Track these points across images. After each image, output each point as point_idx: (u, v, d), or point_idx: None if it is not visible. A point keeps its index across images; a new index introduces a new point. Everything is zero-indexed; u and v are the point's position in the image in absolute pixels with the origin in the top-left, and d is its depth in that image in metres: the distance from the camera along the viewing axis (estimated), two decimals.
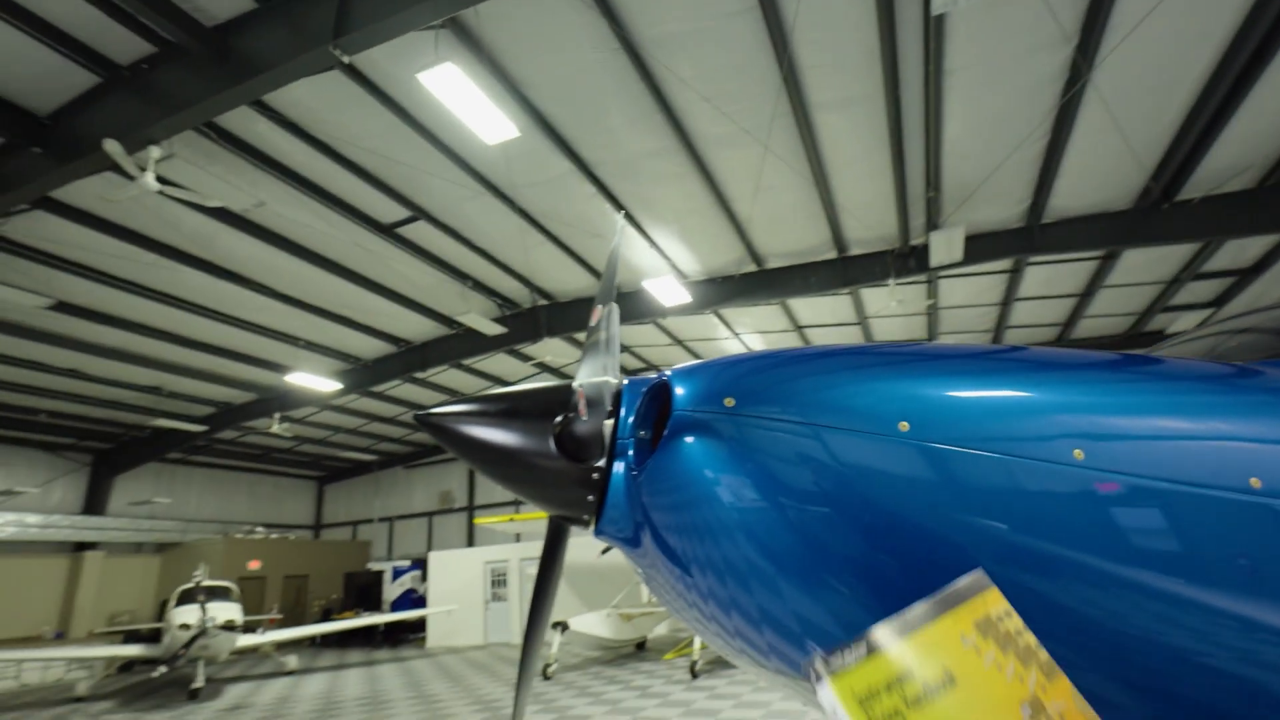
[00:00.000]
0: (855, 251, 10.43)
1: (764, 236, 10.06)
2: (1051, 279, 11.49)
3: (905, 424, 0.87)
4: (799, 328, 13.85)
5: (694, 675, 9.18)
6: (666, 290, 10.39)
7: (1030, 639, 0.60)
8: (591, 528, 1.17)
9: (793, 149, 7.83)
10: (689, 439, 0.99)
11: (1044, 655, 0.60)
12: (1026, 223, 9.51)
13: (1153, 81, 6.82)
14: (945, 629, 0.60)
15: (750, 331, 14.16)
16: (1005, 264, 10.80)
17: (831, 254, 10.48)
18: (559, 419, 1.16)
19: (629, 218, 9.22)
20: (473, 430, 1.19)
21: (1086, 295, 12.00)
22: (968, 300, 12.44)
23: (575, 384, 1.17)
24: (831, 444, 0.90)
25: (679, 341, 14.50)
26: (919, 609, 0.61)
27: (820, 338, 14.50)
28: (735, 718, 6.66)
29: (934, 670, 0.59)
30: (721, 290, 11.11)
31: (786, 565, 0.90)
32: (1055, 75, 6.73)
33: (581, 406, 1.12)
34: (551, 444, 1.14)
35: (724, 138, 7.60)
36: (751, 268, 10.89)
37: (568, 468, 1.13)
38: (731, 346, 14.94)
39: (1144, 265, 10.83)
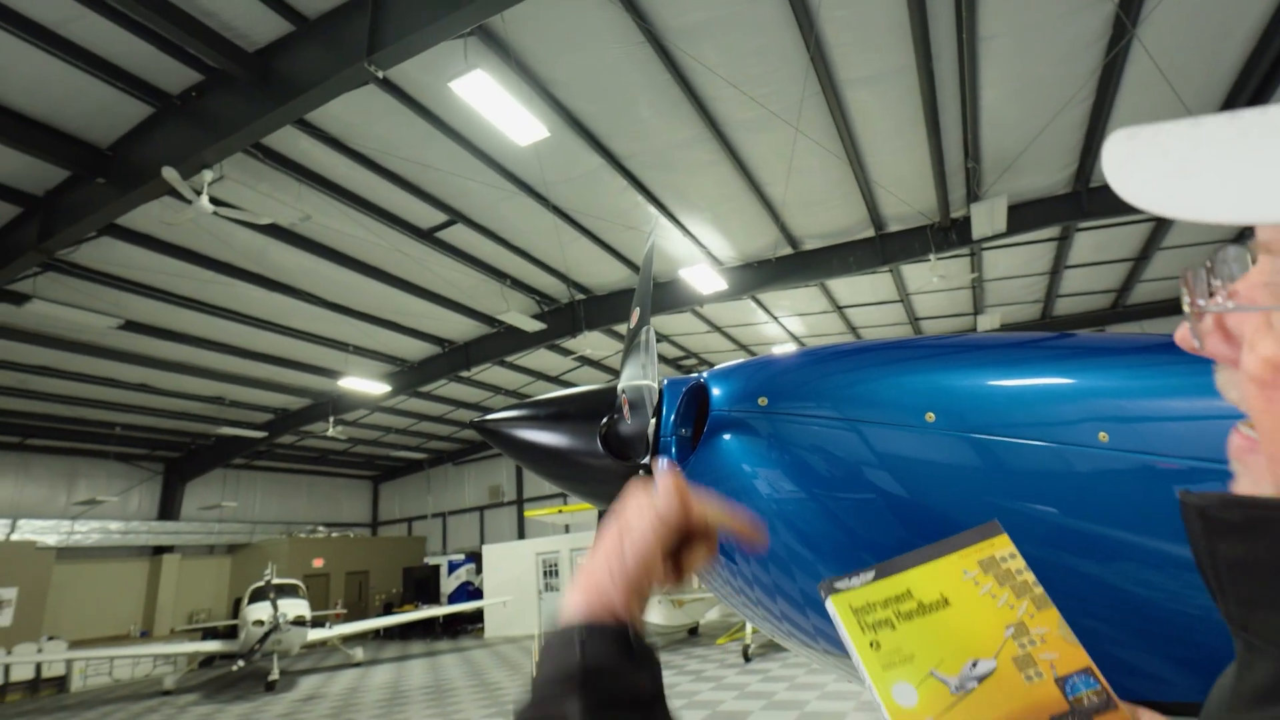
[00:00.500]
0: (893, 228, 10.24)
1: (799, 218, 9.96)
2: (1103, 244, 11.05)
3: (931, 414, 0.91)
4: (839, 308, 13.66)
5: (747, 659, 9.25)
6: (703, 278, 10.40)
7: (1029, 577, 0.63)
8: None
9: (824, 129, 7.73)
10: (727, 436, 1.06)
11: (1039, 590, 0.62)
12: (1073, 188, 9.17)
13: (1204, 30, 6.49)
14: (950, 564, 0.64)
15: (789, 314, 14.03)
16: (1052, 232, 10.43)
17: (869, 232, 10.31)
18: (604, 420, 1.24)
19: (662, 208, 9.25)
20: (526, 434, 1.27)
21: (1142, 259, 11.51)
22: (1014, 271, 12.07)
23: (619, 387, 1.24)
24: (861, 436, 0.95)
25: (717, 328, 14.46)
26: (929, 548, 0.65)
27: (861, 317, 14.28)
28: (789, 699, 6.71)
29: (930, 594, 0.63)
30: (758, 275, 11.06)
31: (823, 551, 0.96)
32: (1097, 34, 6.47)
33: (625, 409, 1.19)
34: (599, 444, 1.22)
35: (753, 122, 7.55)
36: (788, 250, 10.79)
37: (615, 465, 1.21)
38: (771, 331, 14.83)
39: (1204, 226, 10.30)
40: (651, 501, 0.63)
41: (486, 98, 6.13)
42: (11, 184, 7.53)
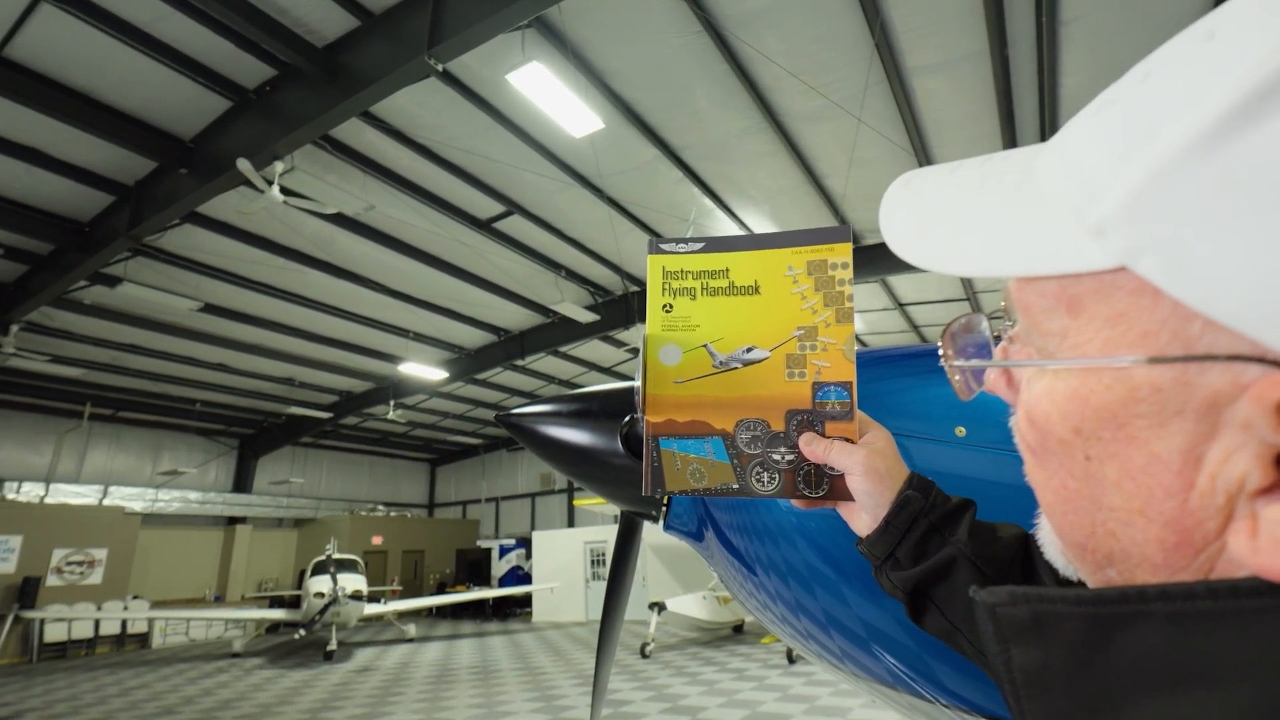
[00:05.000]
0: None
1: (859, 212, 9.64)
2: None
3: (962, 429, 0.84)
4: (900, 305, 13.19)
5: (791, 660, 9.11)
6: None
7: (848, 290, 0.63)
8: (661, 522, 1.21)
9: (889, 118, 7.44)
10: None
11: (849, 306, 0.62)
12: None
13: None
14: (779, 256, 0.64)
15: None
16: None
17: None
18: (626, 419, 1.20)
19: (717, 200, 9.12)
20: (548, 429, 1.25)
21: None
22: None
23: (635, 385, 1.21)
24: None
25: None
26: (771, 235, 0.64)
27: (925, 315, 13.76)
28: (832, 705, 6.56)
29: (745, 278, 0.64)
30: None
31: (845, 569, 0.90)
32: (1195, 10, 5.98)
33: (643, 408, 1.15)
34: (619, 443, 1.18)
35: (814, 112, 7.34)
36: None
37: (635, 466, 1.18)
38: None
39: None
40: None
41: (543, 90, 6.17)
42: (107, 174, 8.07)
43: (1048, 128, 7.51)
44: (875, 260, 10.46)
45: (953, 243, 0.36)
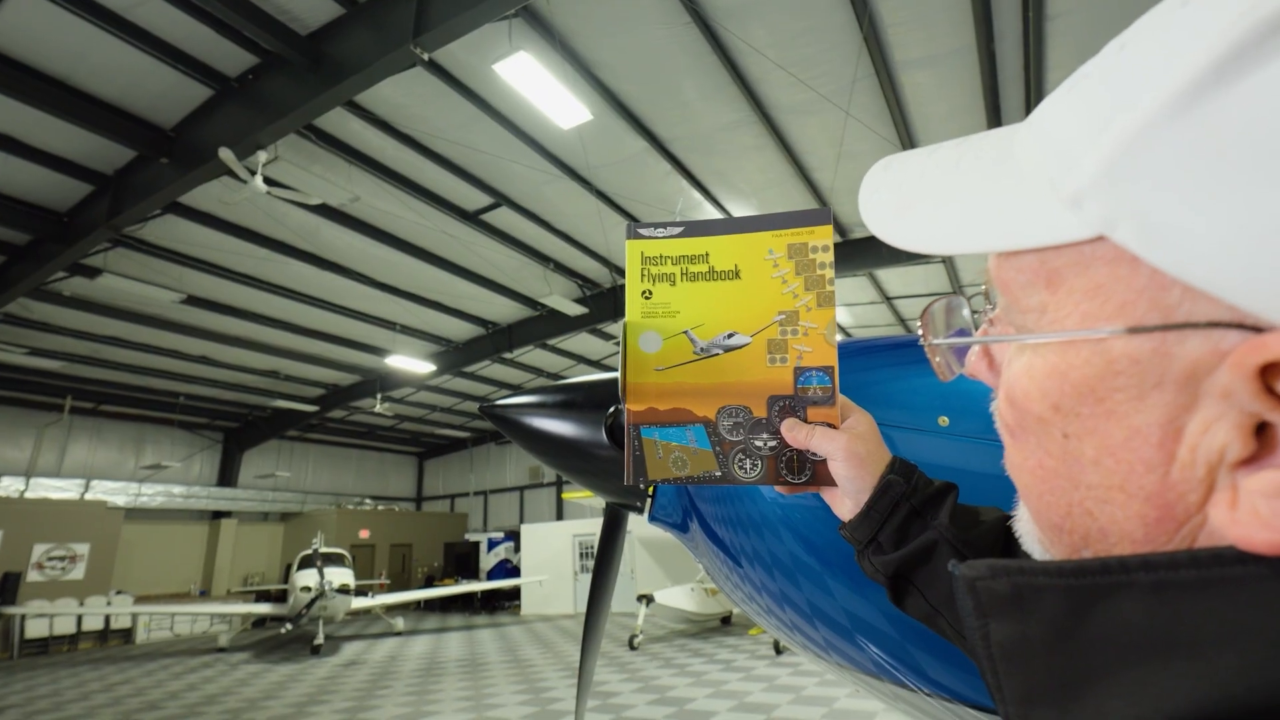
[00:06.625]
0: None
1: (848, 206, 9.67)
2: None
3: (945, 419, 0.84)
4: (888, 299, 13.27)
5: (778, 651, 9.18)
6: None
7: (829, 274, 0.62)
8: (646, 514, 1.21)
9: (876, 112, 7.45)
10: None
11: (830, 289, 0.62)
12: None
13: None
14: (759, 240, 0.63)
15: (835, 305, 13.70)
16: None
17: None
18: (611, 410, 1.20)
19: (705, 193, 9.11)
20: (532, 420, 1.25)
21: None
22: None
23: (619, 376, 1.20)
24: None
25: None
26: (751, 218, 0.64)
27: (912, 309, 13.85)
28: (818, 695, 6.63)
29: (725, 263, 0.63)
30: None
31: (829, 559, 0.91)
32: None
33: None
34: (604, 434, 1.18)
35: (802, 105, 7.34)
36: (836, 239, 10.49)
37: (620, 457, 1.17)
38: None
39: None
40: None
41: (530, 80, 6.12)
42: (86, 163, 7.92)
43: None
44: (862, 253, 10.51)
45: (932, 221, 0.36)
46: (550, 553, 17.63)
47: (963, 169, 0.36)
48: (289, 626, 11.93)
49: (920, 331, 0.43)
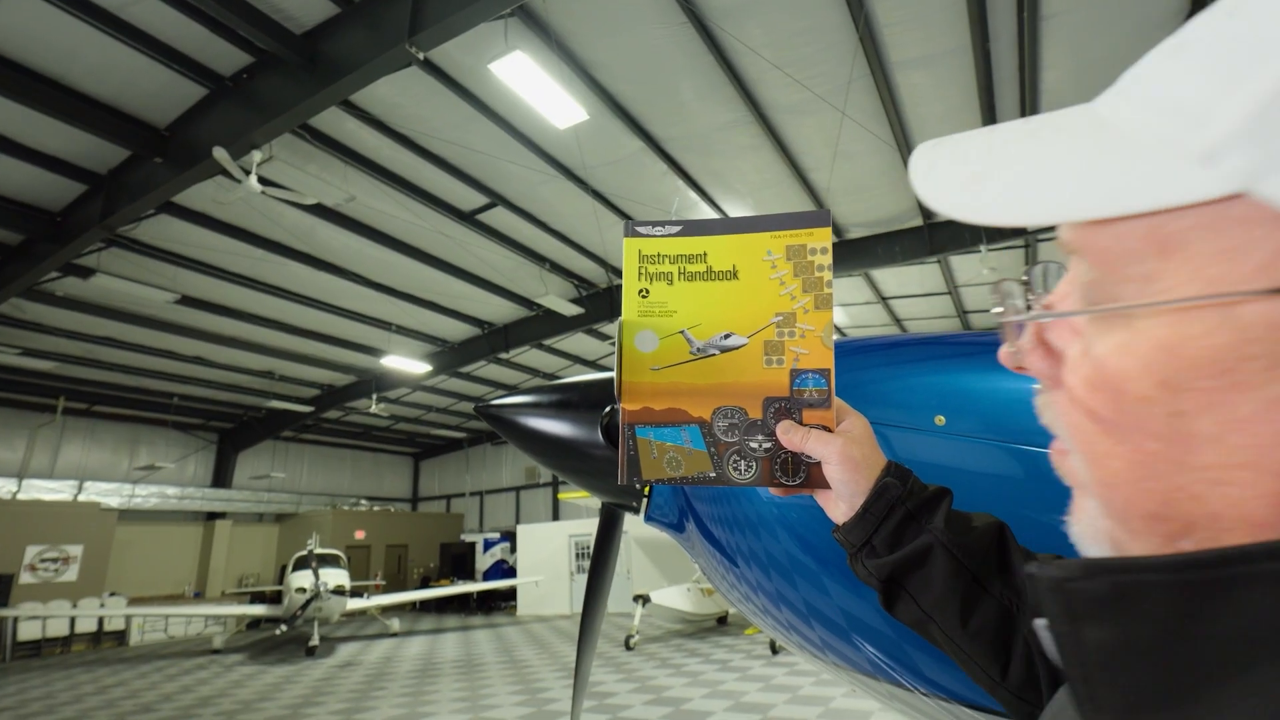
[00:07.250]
0: (943, 217, 9.82)
1: (844, 206, 9.69)
2: None
3: (941, 418, 0.84)
4: (884, 299, 13.29)
5: (774, 651, 9.18)
6: None
7: (827, 276, 0.62)
8: (642, 514, 1.20)
9: (872, 112, 7.46)
10: None
11: (828, 292, 0.62)
12: None
13: None
14: (758, 240, 0.63)
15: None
16: None
17: (917, 221, 9.97)
18: (606, 410, 1.19)
19: (702, 193, 9.11)
20: (528, 421, 1.24)
21: None
22: None
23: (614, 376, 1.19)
24: None
25: None
26: (749, 219, 0.64)
27: (907, 309, 13.88)
28: (814, 695, 6.63)
29: (723, 263, 0.63)
30: None
31: (826, 559, 0.90)
32: (1174, 11, 6.05)
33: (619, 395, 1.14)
34: (599, 434, 1.17)
35: (798, 105, 7.34)
36: (832, 240, 10.51)
37: (616, 457, 1.16)
38: None
39: None
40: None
41: (526, 80, 6.11)
42: (79, 163, 7.87)
43: None
44: (858, 253, 10.54)
45: (1014, 191, 0.33)
46: (546, 553, 17.61)
47: (1043, 140, 0.34)
48: (284, 628, 11.89)
49: (998, 308, 0.40)
